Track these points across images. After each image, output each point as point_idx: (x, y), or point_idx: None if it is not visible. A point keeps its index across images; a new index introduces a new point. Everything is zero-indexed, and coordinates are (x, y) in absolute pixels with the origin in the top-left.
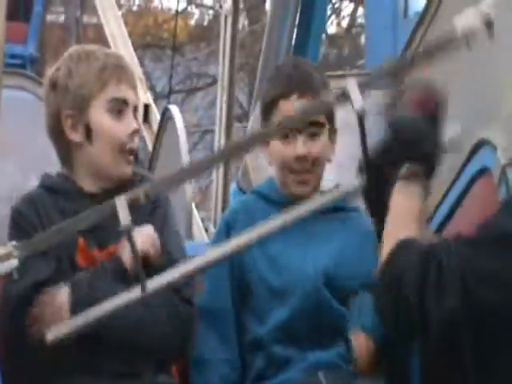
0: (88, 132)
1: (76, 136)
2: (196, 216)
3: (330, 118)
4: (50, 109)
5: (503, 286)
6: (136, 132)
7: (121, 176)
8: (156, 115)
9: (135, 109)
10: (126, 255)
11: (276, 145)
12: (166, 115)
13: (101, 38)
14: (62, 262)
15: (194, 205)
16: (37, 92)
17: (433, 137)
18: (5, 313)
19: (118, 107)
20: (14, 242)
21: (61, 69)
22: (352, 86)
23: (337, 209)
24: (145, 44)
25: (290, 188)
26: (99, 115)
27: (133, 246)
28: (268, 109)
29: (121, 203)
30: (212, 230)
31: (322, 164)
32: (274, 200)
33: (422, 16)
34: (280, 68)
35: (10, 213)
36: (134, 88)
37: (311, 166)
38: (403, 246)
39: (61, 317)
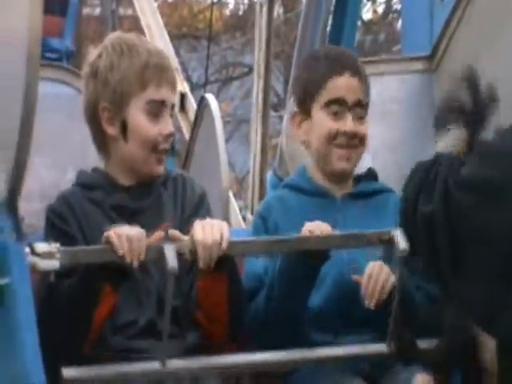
0: (124, 128)
1: (112, 130)
2: (234, 204)
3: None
4: (89, 96)
5: (478, 191)
6: (171, 135)
7: (151, 174)
8: (193, 104)
9: (173, 107)
10: None
11: (324, 119)
12: (202, 104)
13: (137, 30)
14: None
15: (231, 193)
16: (75, 85)
17: None
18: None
19: (156, 109)
20: (58, 245)
21: (102, 57)
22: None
23: (371, 193)
24: (180, 34)
25: (332, 163)
26: (136, 114)
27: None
28: (317, 84)
29: (168, 248)
30: (249, 218)
31: (366, 144)
32: (307, 191)
33: (456, 3)
34: (324, 50)
35: (45, 212)
36: (173, 88)
37: (358, 143)
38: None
39: None
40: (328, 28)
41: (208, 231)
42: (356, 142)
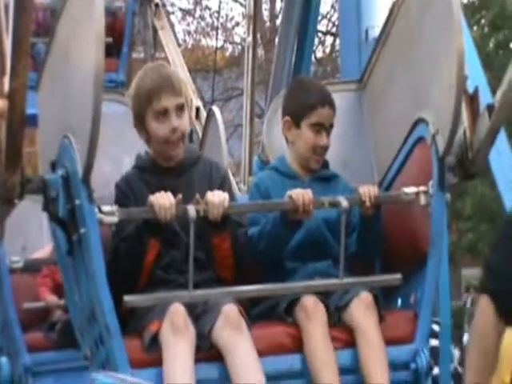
0: (148, 134)
1: (142, 136)
2: (231, 177)
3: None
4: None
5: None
6: (174, 129)
7: (173, 157)
8: (204, 114)
9: (177, 107)
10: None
11: (310, 135)
12: (210, 113)
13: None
14: None
15: (230, 173)
16: (127, 104)
17: None
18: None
19: (161, 114)
20: (116, 206)
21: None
22: None
23: (328, 177)
24: (196, 69)
25: (310, 164)
26: (150, 123)
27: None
28: (310, 108)
29: (190, 208)
30: (243, 188)
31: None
32: (285, 173)
33: (377, 42)
34: (314, 83)
35: (115, 188)
36: (174, 94)
37: (325, 151)
38: None
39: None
40: (292, 62)
41: (216, 195)
42: (325, 151)
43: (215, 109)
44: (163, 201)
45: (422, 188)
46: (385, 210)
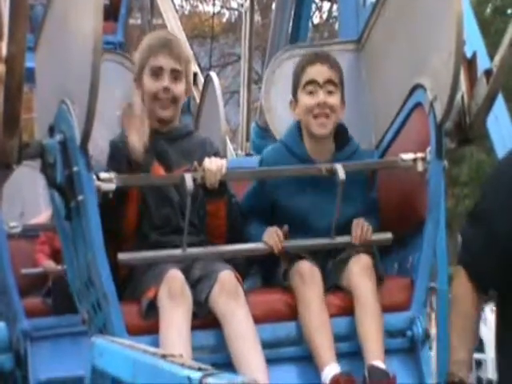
0: (143, 90)
1: (139, 93)
2: (229, 145)
3: (342, 84)
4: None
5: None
6: (166, 88)
7: (161, 117)
8: (201, 80)
9: (173, 71)
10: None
11: (303, 98)
12: (207, 80)
13: None
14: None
15: (227, 138)
16: (125, 64)
17: None
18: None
19: (156, 72)
20: (114, 173)
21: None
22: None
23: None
24: (193, 35)
25: (312, 130)
26: (145, 79)
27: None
28: (299, 73)
29: (187, 176)
30: (240, 153)
31: (337, 113)
32: (297, 154)
33: (376, 2)
34: (308, 53)
35: (109, 145)
36: (172, 57)
37: (330, 111)
38: None
39: None
40: (289, 29)
41: (213, 162)
42: (327, 110)
43: (213, 75)
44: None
45: (419, 154)
46: (382, 175)
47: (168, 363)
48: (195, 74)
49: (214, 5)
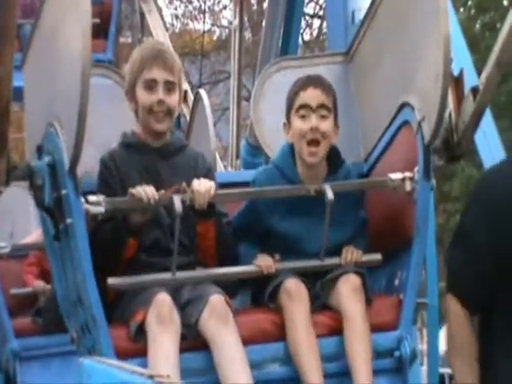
0: (136, 104)
1: (132, 106)
2: (218, 160)
3: (335, 107)
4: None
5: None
6: (160, 100)
7: (157, 130)
8: (191, 97)
9: (167, 82)
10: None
11: (296, 122)
12: (197, 97)
13: None
14: None
15: (217, 155)
16: (113, 78)
17: None
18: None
19: (150, 84)
20: (103, 196)
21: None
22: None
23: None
24: (184, 53)
25: (303, 157)
26: (138, 91)
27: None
28: (292, 99)
29: (176, 197)
30: (229, 169)
31: (329, 139)
32: (288, 177)
33: (366, 15)
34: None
35: (99, 163)
36: (165, 68)
37: (321, 138)
38: None
39: None
40: (279, 46)
41: (202, 183)
42: (318, 136)
43: (202, 92)
44: (145, 191)
45: (407, 174)
46: (370, 194)
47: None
48: (185, 91)
49: (204, 22)
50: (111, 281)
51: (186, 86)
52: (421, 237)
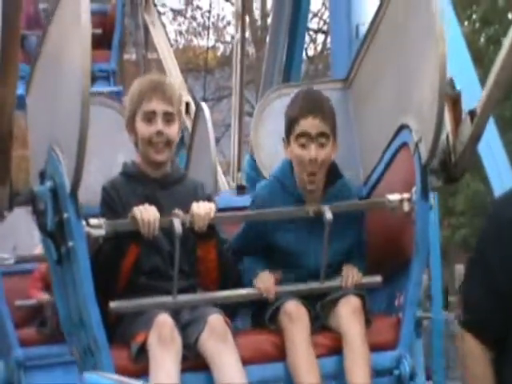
0: (136, 135)
1: (132, 138)
2: (221, 174)
3: (334, 129)
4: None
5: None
6: (160, 131)
7: (156, 161)
8: (194, 109)
9: (166, 113)
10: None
11: (296, 149)
12: (198, 110)
13: (160, 68)
14: None
15: (219, 168)
16: (113, 106)
17: None
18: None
19: (149, 116)
20: (103, 220)
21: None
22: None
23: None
24: (188, 69)
25: (304, 183)
26: (138, 123)
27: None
28: (293, 122)
29: (176, 220)
30: (232, 184)
31: (327, 165)
32: (291, 192)
33: (363, 40)
34: (302, 94)
35: (101, 189)
36: (163, 99)
37: (319, 168)
38: None
39: None
40: (283, 61)
41: (201, 206)
42: (317, 167)
43: (203, 105)
44: (147, 214)
45: (405, 195)
46: (370, 215)
47: None
48: (187, 104)
49: (208, 38)
50: (113, 304)
51: (188, 97)
52: (420, 256)
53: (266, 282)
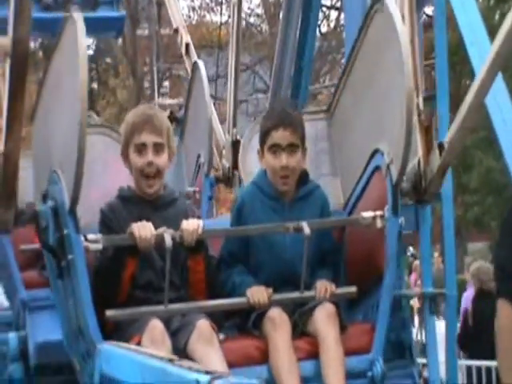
0: (129, 163)
1: (127, 166)
2: (217, 123)
3: (303, 138)
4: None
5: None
6: (150, 162)
7: (147, 193)
8: (194, 54)
9: (156, 144)
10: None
11: (269, 158)
12: (194, 67)
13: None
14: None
15: (216, 120)
16: (110, 135)
17: None
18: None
19: (140, 148)
20: (101, 235)
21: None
22: None
23: (306, 195)
24: (201, 44)
25: (278, 186)
26: (131, 155)
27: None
28: (265, 135)
29: (166, 235)
30: (227, 137)
31: (297, 169)
32: (267, 193)
33: (343, 70)
34: (274, 108)
35: (99, 212)
36: (153, 131)
37: (291, 173)
38: None
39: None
40: (297, 38)
41: (190, 223)
42: (288, 172)
43: (199, 62)
44: (144, 231)
45: (378, 212)
46: (347, 231)
47: (176, 367)
48: (187, 45)
49: (221, 14)
50: (110, 313)
51: (188, 39)
52: (391, 269)
53: (259, 294)
